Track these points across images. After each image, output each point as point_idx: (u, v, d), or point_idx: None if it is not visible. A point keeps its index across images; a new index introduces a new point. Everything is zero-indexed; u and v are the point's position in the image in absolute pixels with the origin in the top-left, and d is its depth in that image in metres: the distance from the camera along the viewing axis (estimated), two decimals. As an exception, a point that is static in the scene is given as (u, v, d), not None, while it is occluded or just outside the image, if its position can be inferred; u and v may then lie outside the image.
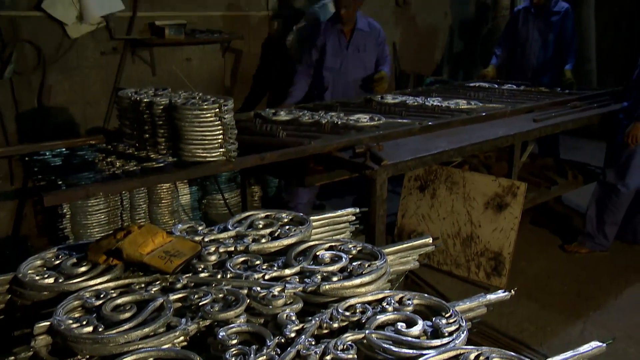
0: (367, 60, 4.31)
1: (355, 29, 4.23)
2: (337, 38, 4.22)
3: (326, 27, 4.25)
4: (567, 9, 4.91)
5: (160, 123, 2.51)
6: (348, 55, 4.25)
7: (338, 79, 4.30)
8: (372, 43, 4.29)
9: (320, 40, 4.23)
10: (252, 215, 1.86)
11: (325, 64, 4.25)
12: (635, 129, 3.64)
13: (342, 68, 4.27)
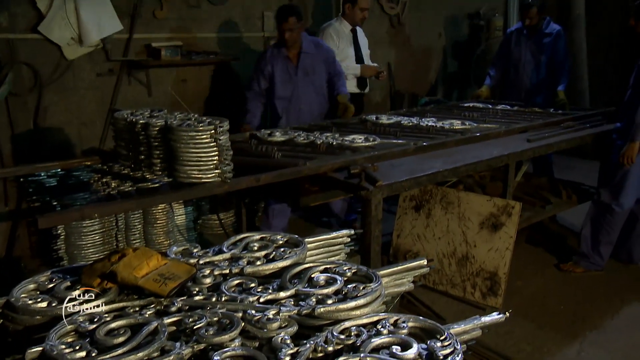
0: (318, 82, 4.17)
1: (301, 52, 4.07)
2: (285, 64, 4.06)
3: (272, 54, 4.08)
4: (559, 31, 4.98)
5: (156, 144, 2.52)
6: (298, 81, 4.09)
7: (290, 106, 4.14)
8: (320, 63, 4.15)
9: (268, 69, 4.06)
10: (247, 237, 1.86)
11: (276, 94, 4.10)
12: (629, 150, 3.67)
13: (293, 95, 4.11)
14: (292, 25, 3.92)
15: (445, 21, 6.78)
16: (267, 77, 4.07)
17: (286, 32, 3.94)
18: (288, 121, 4.09)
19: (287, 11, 3.95)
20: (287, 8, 4.02)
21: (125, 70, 4.44)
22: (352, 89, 4.71)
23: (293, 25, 3.93)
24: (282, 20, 3.93)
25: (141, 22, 4.45)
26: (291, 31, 3.94)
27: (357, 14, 4.59)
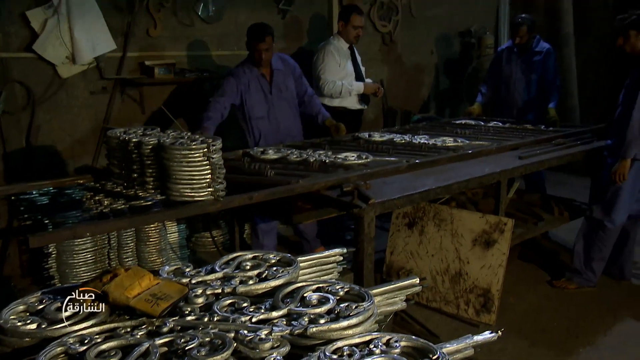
0: (291, 99, 4.12)
1: (272, 70, 4.00)
2: (258, 83, 3.96)
3: (244, 73, 3.93)
4: (549, 49, 5.04)
5: (149, 163, 2.52)
6: (273, 99, 4.02)
7: (269, 126, 4.05)
8: (290, 79, 4.10)
9: (241, 88, 3.92)
10: (240, 256, 1.86)
11: (253, 115, 3.99)
12: (621, 167, 3.69)
13: (270, 113, 4.03)
14: (268, 44, 3.86)
15: (437, 39, 6.85)
16: (240, 96, 3.93)
17: (263, 52, 3.86)
18: (267, 142, 4.01)
19: (263, 30, 3.86)
20: (262, 27, 3.90)
21: (119, 88, 4.46)
22: (354, 105, 4.76)
23: (269, 44, 3.87)
24: (258, 39, 3.84)
25: (135, 40, 4.48)
26: (267, 51, 3.87)
27: (350, 31, 4.62)
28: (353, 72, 4.71)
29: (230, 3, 4.97)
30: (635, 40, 3.65)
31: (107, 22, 4.25)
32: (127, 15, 4.40)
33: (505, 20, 7.25)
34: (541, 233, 4.55)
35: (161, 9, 4.55)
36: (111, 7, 4.34)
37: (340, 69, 4.61)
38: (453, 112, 7.06)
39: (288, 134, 4.12)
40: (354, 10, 4.65)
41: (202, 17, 4.81)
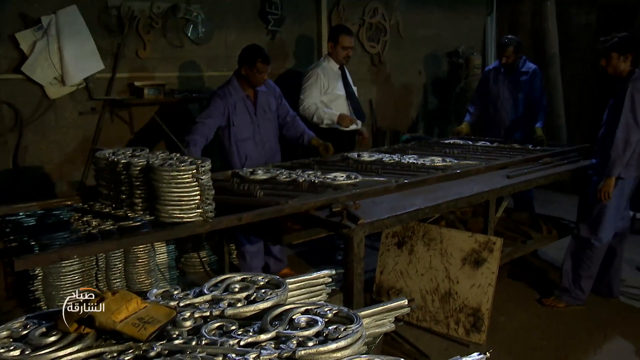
0: (274, 120, 4.14)
1: (256, 91, 4.01)
2: (244, 104, 3.96)
3: (230, 94, 3.92)
4: (535, 69, 5.11)
5: (138, 184, 2.52)
6: (258, 120, 4.02)
7: (254, 147, 4.05)
8: (272, 101, 4.11)
9: (228, 109, 3.90)
10: (228, 278, 1.85)
11: (240, 136, 3.97)
12: (606, 185, 3.74)
13: (255, 134, 4.03)
14: (267, 68, 3.88)
15: (425, 59, 6.92)
16: (227, 117, 3.92)
17: (264, 75, 3.89)
18: (252, 163, 3.98)
19: (266, 54, 3.89)
20: (262, 51, 3.92)
21: (108, 108, 4.46)
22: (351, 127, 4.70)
23: (266, 68, 3.89)
24: (265, 62, 3.85)
25: (124, 61, 4.50)
26: (262, 74, 3.89)
27: (339, 52, 4.64)
28: (344, 93, 4.72)
29: (219, 24, 5.01)
30: (617, 62, 3.72)
31: (96, 44, 4.27)
32: (117, 36, 4.42)
33: (492, 40, 7.36)
34: (530, 251, 4.56)
35: (151, 31, 4.58)
36: (101, 29, 4.36)
37: (329, 90, 4.63)
38: (442, 131, 7.12)
39: (272, 155, 4.14)
40: (343, 31, 4.68)
41: (191, 39, 4.84)
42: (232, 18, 5.09)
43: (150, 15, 4.55)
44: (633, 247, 4.77)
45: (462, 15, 7.14)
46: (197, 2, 4.81)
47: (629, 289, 4.31)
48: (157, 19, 4.58)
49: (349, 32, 4.69)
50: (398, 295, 3.73)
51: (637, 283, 4.44)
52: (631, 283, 4.43)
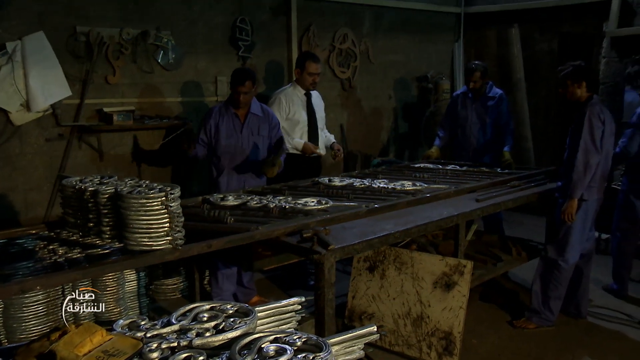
0: (261, 144, 4.19)
1: (249, 113, 4.13)
2: (231, 120, 4.10)
3: (219, 111, 4.13)
4: (501, 95, 5.24)
5: (106, 212, 2.49)
6: (242, 138, 4.11)
7: (233, 161, 4.12)
8: (265, 127, 4.20)
9: (212, 122, 4.09)
10: (197, 307, 1.83)
11: (220, 147, 4.09)
12: (569, 207, 3.83)
13: (237, 150, 4.11)
14: (248, 88, 4.01)
15: (395, 84, 7.03)
16: (211, 130, 4.08)
17: (241, 95, 4.01)
18: (229, 177, 4.10)
19: (245, 75, 4.03)
20: (244, 72, 4.09)
21: (76, 134, 4.40)
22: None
23: (249, 88, 4.02)
24: (239, 83, 3.99)
25: (93, 87, 4.46)
26: (246, 94, 4.02)
27: (306, 78, 4.67)
28: (306, 120, 4.71)
29: (190, 50, 5.02)
30: (573, 89, 3.86)
31: (64, 70, 4.23)
32: (86, 62, 4.40)
33: (459, 66, 7.52)
34: (501, 273, 4.61)
35: (120, 57, 4.56)
36: (69, 55, 4.33)
37: (290, 116, 4.64)
38: (412, 155, 7.21)
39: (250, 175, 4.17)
40: (309, 57, 4.71)
41: (161, 65, 4.84)
42: (203, 44, 5.11)
43: (120, 42, 4.53)
44: (599, 267, 4.87)
45: (431, 41, 7.29)
46: (167, 28, 4.82)
47: (596, 309, 4.38)
48: (126, 45, 4.57)
49: (316, 59, 4.72)
50: (370, 320, 3.73)
51: (605, 303, 4.52)
52: (598, 303, 4.50)
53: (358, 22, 6.40)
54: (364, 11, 6.44)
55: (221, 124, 4.09)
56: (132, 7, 4.61)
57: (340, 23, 6.20)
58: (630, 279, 4.76)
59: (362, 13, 6.43)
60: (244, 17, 5.30)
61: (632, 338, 3.98)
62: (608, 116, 3.81)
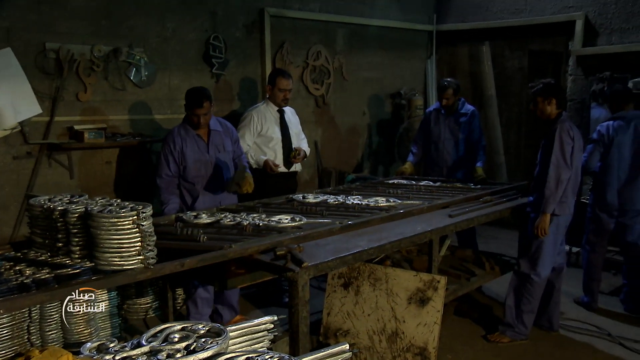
0: (229, 160, 4.15)
1: (210, 131, 4.05)
2: (195, 143, 3.99)
3: (179, 134, 3.97)
4: (473, 111, 5.34)
5: (75, 231, 2.44)
6: (210, 159, 4.04)
7: (207, 184, 4.04)
8: (229, 142, 4.16)
9: (177, 150, 3.94)
10: (168, 328, 1.80)
11: (190, 174, 3.98)
12: (542, 222, 3.89)
13: (207, 173, 4.03)
14: (206, 109, 3.90)
15: (369, 100, 7.08)
16: (178, 158, 3.95)
17: (201, 117, 3.90)
18: (204, 200, 4.02)
19: (201, 96, 3.89)
20: (199, 93, 3.93)
21: (46, 152, 4.33)
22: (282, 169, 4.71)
23: (207, 109, 3.91)
24: (196, 105, 3.87)
25: (64, 104, 4.39)
26: (205, 115, 3.92)
27: (277, 95, 4.67)
28: (280, 137, 4.72)
29: (163, 67, 5.00)
30: (543, 106, 3.96)
31: (33, 87, 4.16)
32: (56, 79, 4.33)
33: (432, 83, 7.62)
34: (475, 288, 4.65)
35: (91, 74, 4.51)
36: (38, 72, 4.26)
37: (263, 132, 4.64)
38: (386, 171, 7.25)
39: (228, 195, 4.13)
40: (280, 73, 4.73)
41: (134, 82, 4.79)
42: (176, 61, 5.09)
43: (91, 59, 4.48)
44: (570, 279, 4.95)
45: (404, 58, 7.38)
46: (139, 45, 4.79)
47: (568, 322, 4.44)
48: (98, 62, 4.52)
49: (286, 75, 4.73)
50: (346, 336, 3.71)
51: (576, 315, 4.59)
52: (570, 316, 4.57)
53: (331, 39, 6.46)
54: (337, 28, 6.50)
55: (185, 148, 3.95)
56: (104, 23, 4.58)
57: (313, 40, 6.25)
58: (600, 292, 4.84)
59: (336, 30, 6.49)
60: (218, 34, 5.30)
61: (601, 350, 4.04)
62: (577, 132, 3.90)
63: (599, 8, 6.12)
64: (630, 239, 4.61)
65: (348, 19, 6.54)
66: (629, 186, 4.53)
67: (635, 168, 4.51)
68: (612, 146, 4.54)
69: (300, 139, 4.96)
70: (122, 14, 4.69)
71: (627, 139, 4.52)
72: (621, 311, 4.70)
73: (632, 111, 4.59)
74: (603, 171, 4.62)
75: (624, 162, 4.53)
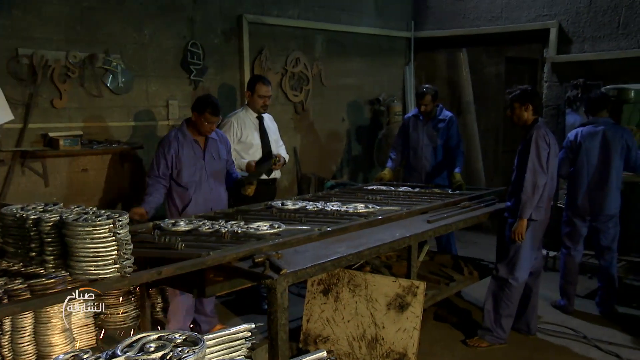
0: (221, 167, 4.18)
1: (207, 138, 4.08)
2: (192, 148, 4.00)
3: (176, 138, 3.97)
4: (451, 117, 5.38)
5: (49, 240, 2.40)
6: (205, 165, 4.04)
7: (200, 190, 4.04)
8: (223, 150, 4.18)
9: (172, 152, 3.93)
10: (144, 337, 1.77)
11: (184, 178, 3.98)
12: (519, 227, 3.93)
13: (201, 179, 4.04)
14: (219, 120, 3.99)
15: (348, 106, 7.11)
16: (171, 160, 3.95)
17: (213, 125, 3.97)
18: (197, 205, 4.01)
19: (219, 107, 3.95)
20: (217, 103, 3.96)
21: (19, 160, 4.25)
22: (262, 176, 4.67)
23: (217, 120, 4.00)
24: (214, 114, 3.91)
25: (38, 111, 4.33)
26: (210, 124, 3.95)
27: (257, 101, 4.65)
28: (259, 143, 4.69)
29: (140, 74, 4.96)
30: (520, 112, 4.01)
31: (5, 93, 4.09)
32: (29, 85, 4.27)
33: (410, 89, 7.68)
34: (454, 293, 4.68)
35: (67, 80, 4.46)
36: (10, 78, 4.20)
37: (243, 139, 4.63)
38: (366, 177, 7.28)
39: (218, 202, 4.14)
40: (259, 80, 4.70)
41: (111, 88, 4.75)
42: (154, 68, 5.06)
43: (66, 65, 4.43)
44: (547, 283, 5.01)
45: (383, 65, 7.43)
46: (116, 52, 4.75)
47: (545, 326, 4.49)
48: (73, 69, 4.47)
49: (266, 81, 4.71)
50: (325, 343, 3.70)
51: (553, 319, 4.64)
52: (547, 319, 4.62)
53: (310, 46, 6.48)
54: (316, 35, 6.52)
55: (181, 152, 3.96)
56: (79, 29, 4.53)
57: (292, 47, 6.26)
58: (576, 295, 4.91)
59: (314, 37, 6.51)
60: (196, 40, 5.28)
61: (578, 353, 4.10)
62: (552, 138, 3.96)
63: (571, 17, 6.25)
64: (603, 243, 4.70)
65: (327, 25, 6.57)
66: (598, 191, 4.63)
67: (604, 174, 4.62)
68: (580, 152, 4.66)
69: (279, 145, 4.94)
70: (98, 20, 4.65)
71: (594, 145, 4.63)
72: (597, 313, 4.77)
73: (603, 118, 4.69)
74: (573, 177, 4.75)
75: (591, 168, 4.64)
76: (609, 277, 4.73)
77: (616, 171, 4.61)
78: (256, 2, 5.82)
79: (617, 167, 4.61)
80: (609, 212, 4.62)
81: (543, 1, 6.47)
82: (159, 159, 3.96)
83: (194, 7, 5.29)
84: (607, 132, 4.59)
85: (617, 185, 4.64)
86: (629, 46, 5.88)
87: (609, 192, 4.60)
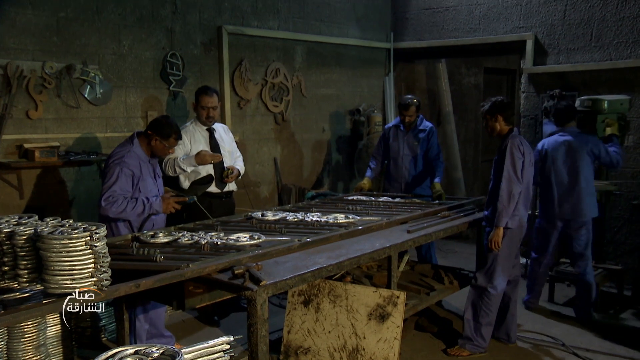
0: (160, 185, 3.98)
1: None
2: (147, 169, 3.81)
3: (135, 157, 3.73)
4: (432, 128, 5.43)
5: (23, 254, 2.36)
6: (158, 184, 3.91)
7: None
8: (158, 168, 3.99)
9: (135, 174, 3.70)
10: (120, 352, 1.75)
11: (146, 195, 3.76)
12: (495, 236, 3.97)
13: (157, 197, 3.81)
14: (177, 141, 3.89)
15: (328, 117, 7.13)
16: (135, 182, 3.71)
17: (167, 149, 3.82)
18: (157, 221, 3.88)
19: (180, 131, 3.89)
20: (177, 127, 3.85)
21: (-7, 172, 4.19)
22: (213, 189, 4.56)
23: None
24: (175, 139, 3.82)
25: (12, 122, 4.27)
26: (171, 148, 3.84)
27: (201, 112, 4.51)
28: None
29: (118, 84, 4.93)
30: (492, 123, 4.10)
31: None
32: (4, 96, 4.21)
33: (390, 99, 7.73)
34: (434, 302, 4.69)
35: (43, 91, 4.41)
36: (-16, 88, 4.15)
37: (192, 152, 4.43)
38: (346, 187, 7.29)
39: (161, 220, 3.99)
40: (203, 91, 4.53)
41: (88, 99, 4.70)
42: (132, 78, 5.02)
43: (42, 75, 4.38)
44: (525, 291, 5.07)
45: (362, 75, 7.48)
46: (94, 62, 4.71)
47: (525, 334, 4.52)
48: (50, 79, 4.42)
49: (210, 92, 4.51)
50: (307, 354, 3.69)
51: (532, 327, 4.67)
52: (527, 327, 4.65)
53: (290, 56, 6.49)
54: (296, 46, 6.54)
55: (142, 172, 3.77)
56: (55, 40, 4.48)
57: (272, 57, 6.27)
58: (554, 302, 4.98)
59: (294, 48, 6.53)
60: (175, 51, 5.27)
61: None
62: (527, 147, 4.02)
63: (547, 29, 6.36)
64: (576, 250, 4.80)
65: (306, 36, 6.60)
66: (568, 199, 4.75)
67: (572, 182, 4.75)
68: (547, 161, 4.80)
69: (235, 157, 4.80)
70: (75, 31, 4.61)
71: (560, 154, 4.76)
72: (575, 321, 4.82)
73: (571, 128, 4.81)
74: (543, 185, 4.89)
75: (559, 176, 4.78)
76: (585, 284, 4.80)
77: (585, 178, 4.73)
78: (236, 13, 5.82)
79: (586, 175, 4.74)
80: (580, 217, 4.72)
81: (519, 13, 6.58)
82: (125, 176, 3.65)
83: (173, 18, 5.27)
84: (572, 141, 4.73)
85: (589, 191, 4.75)
86: (602, 58, 6.01)
87: (580, 199, 4.71)
